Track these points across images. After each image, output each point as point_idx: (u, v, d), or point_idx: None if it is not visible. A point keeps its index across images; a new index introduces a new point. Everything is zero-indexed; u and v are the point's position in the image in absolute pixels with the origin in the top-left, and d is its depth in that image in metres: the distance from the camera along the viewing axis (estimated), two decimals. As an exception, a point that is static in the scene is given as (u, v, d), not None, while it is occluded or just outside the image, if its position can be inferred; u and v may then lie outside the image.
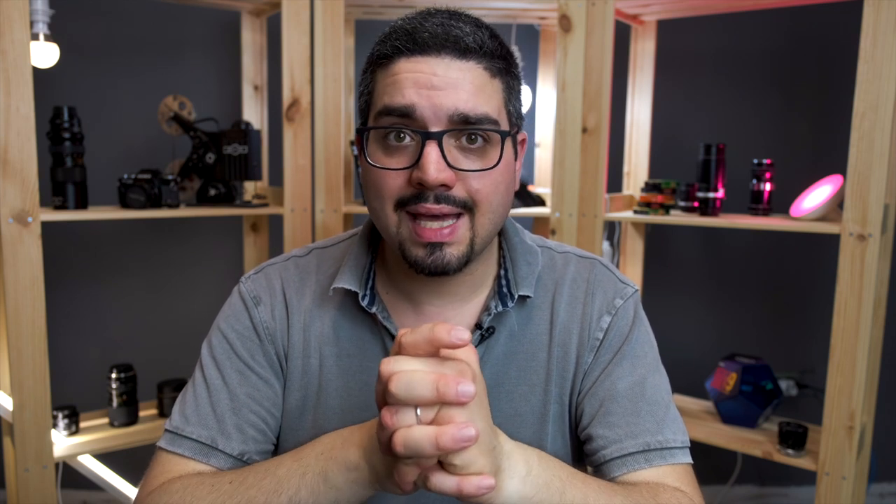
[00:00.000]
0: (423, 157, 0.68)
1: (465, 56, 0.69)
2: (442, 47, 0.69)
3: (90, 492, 2.12)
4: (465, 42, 0.69)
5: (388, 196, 0.72)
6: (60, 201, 1.53)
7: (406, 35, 0.70)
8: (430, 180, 0.68)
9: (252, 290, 0.83)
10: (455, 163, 0.70)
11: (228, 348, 0.81)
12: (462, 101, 0.68)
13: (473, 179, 0.71)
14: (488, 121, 0.70)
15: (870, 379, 1.51)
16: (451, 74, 0.69)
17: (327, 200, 1.70)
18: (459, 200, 0.70)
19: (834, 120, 2.11)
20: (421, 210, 0.70)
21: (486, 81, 0.71)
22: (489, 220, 0.73)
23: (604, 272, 0.84)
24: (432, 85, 0.68)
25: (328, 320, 0.81)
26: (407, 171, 0.70)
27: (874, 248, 1.40)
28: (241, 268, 2.10)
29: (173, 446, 0.77)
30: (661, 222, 1.72)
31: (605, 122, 1.68)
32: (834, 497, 1.48)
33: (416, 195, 0.70)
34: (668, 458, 0.75)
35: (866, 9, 1.37)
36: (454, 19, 0.71)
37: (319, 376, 0.81)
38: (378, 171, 0.72)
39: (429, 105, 0.68)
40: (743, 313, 2.26)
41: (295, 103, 1.67)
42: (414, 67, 0.69)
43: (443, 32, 0.69)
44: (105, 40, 2.06)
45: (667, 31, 1.96)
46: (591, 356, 0.80)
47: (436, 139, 0.68)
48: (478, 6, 1.77)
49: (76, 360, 2.09)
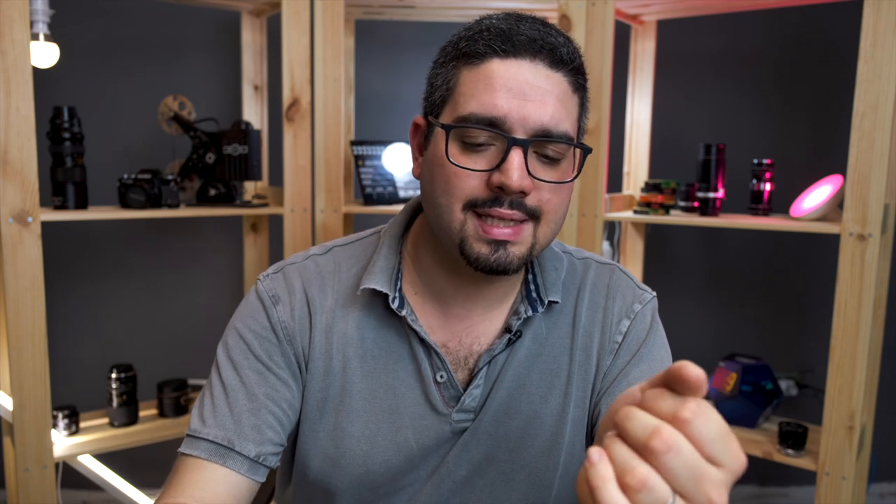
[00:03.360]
0: (508, 161, 0.68)
1: (556, 66, 0.70)
2: (538, 52, 0.69)
3: (90, 492, 2.12)
4: (560, 52, 0.70)
5: (460, 195, 0.71)
6: (60, 201, 1.52)
7: (502, 35, 0.69)
8: (513, 186, 0.68)
9: (271, 288, 0.82)
10: (534, 172, 0.70)
11: (246, 348, 0.79)
12: (548, 115, 0.69)
13: (547, 190, 0.71)
14: (567, 137, 0.71)
15: (870, 379, 1.51)
16: (540, 84, 0.69)
17: (327, 200, 1.70)
18: (530, 208, 0.71)
19: (834, 120, 2.11)
20: (494, 213, 0.70)
21: (569, 96, 0.72)
22: (551, 231, 0.74)
23: (623, 278, 0.86)
24: (524, 93, 0.68)
25: (352, 321, 0.80)
26: (486, 174, 0.70)
27: (874, 248, 1.40)
28: (241, 268, 2.10)
29: (190, 449, 0.76)
30: (661, 222, 1.72)
31: (605, 122, 1.68)
32: (834, 497, 1.48)
33: (493, 199, 0.70)
34: None
35: (866, 9, 1.37)
36: (547, 27, 0.71)
37: (343, 378, 0.80)
38: (453, 169, 0.71)
39: (519, 114, 0.68)
40: (743, 313, 2.26)
41: (295, 103, 1.67)
42: (507, 72, 0.69)
43: (539, 38, 0.69)
44: (105, 40, 2.06)
45: (667, 31, 1.96)
46: (610, 358, 0.81)
47: (522, 146, 0.68)
48: (478, 6, 1.77)
49: (76, 360, 2.09)
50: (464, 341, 0.80)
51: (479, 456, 0.80)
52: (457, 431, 0.80)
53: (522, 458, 0.80)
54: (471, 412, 0.79)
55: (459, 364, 0.80)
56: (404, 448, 0.79)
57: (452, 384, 0.79)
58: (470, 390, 0.78)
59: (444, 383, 0.79)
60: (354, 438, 0.79)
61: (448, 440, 0.80)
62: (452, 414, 0.79)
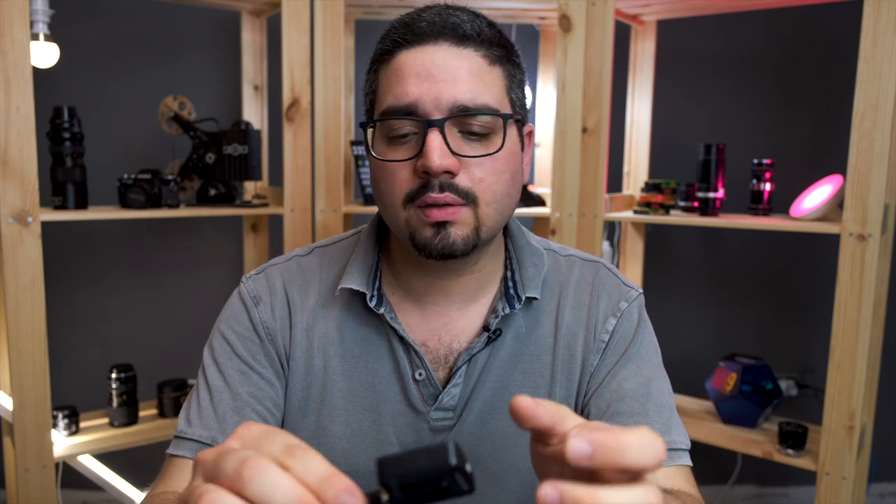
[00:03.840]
0: (427, 144, 0.69)
1: (462, 43, 0.70)
2: (439, 34, 0.70)
3: (90, 492, 2.12)
4: (463, 29, 0.70)
5: (397, 191, 0.72)
6: (60, 201, 1.52)
7: (404, 27, 0.71)
8: (434, 167, 0.68)
9: (252, 289, 0.83)
10: (459, 150, 0.70)
11: (229, 349, 0.81)
12: (461, 91, 0.69)
13: (476, 167, 0.71)
14: (488, 110, 0.70)
15: (870, 379, 1.50)
16: (449, 62, 0.69)
17: (327, 200, 1.70)
18: (462, 190, 0.70)
19: (834, 120, 2.11)
20: (428, 200, 0.70)
21: (485, 70, 0.71)
22: (494, 210, 0.73)
23: (608, 275, 0.85)
24: (431, 75, 0.69)
25: (332, 321, 0.81)
26: (412, 162, 0.71)
27: (874, 248, 1.40)
28: (241, 268, 2.10)
29: (177, 449, 0.77)
30: (661, 222, 1.72)
31: (605, 122, 1.68)
32: (834, 497, 1.48)
33: (423, 185, 0.70)
34: (675, 460, 0.76)
35: (866, 9, 1.37)
36: (451, 9, 0.72)
37: (324, 377, 0.80)
38: (385, 167, 0.72)
39: (430, 97, 0.69)
40: (743, 313, 2.26)
41: (295, 103, 1.67)
42: (414, 59, 0.70)
43: (440, 21, 0.70)
44: (105, 40, 2.06)
45: (667, 31, 1.96)
46: (597, 358, 0.80)
47: (437, 126, 0.69)
48: (478, 6, 1.77)
49: (76, 360, 2.09)
50: (443, 339, 0.80)
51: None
52: (436, 430, 0.79)
53: (509, 458, 0.80)
54: (449, 410, 0.79)
55: (440, 362, 0.80)
56: (386, 446, 0.79)
57: (431, 382, 0.79)
58: (448, 388, 0.78)
59: (423, 381, 0.79)
60: (336, 437, 0.80)
61: (428, 439, 0.80)
62: (430, 412, 0.79)
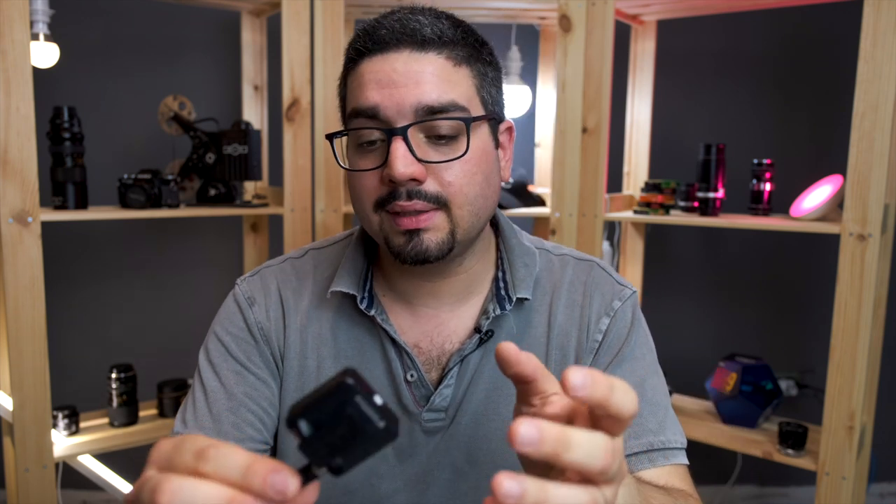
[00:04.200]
0: (391, 152, 0.68)
1: (423, 48, 0.69)
2: (399, 41, 0.69)
3: (90, 492, 2.12)
4: (423, 34, 0.69)
5: (366, 198, 0.72)
6: (60, 201, 1.52)
7: (365, 35, 0.71)
8: (397, 176, 0.68)
9: (247, 291, 0.84)
10: (424, 156, 0.69)
11: (224, 350, 0.81)
12: (424, 93, 0.68)
13: (445, 171, 0.70)
14: (455, 107, 0.69)
15: (870, 379, 1.50)
16: (411, 67, 0.69)
17: (327, 200, 1.70)
18: (432, 196, 0.70)
19: (834, 120, 2.11)
20: (396, 208, 0.70)
21: (450, 71, 0.70)
22: (468, 212, 0.72)
23: (601, 274, 0.84)
24: (392, 81, 0.68)
25: (326, 322, 0.81)
26: (379, 171, 0.71)
27: (874, 248, 1.40)
28: (240, 268, 2.10)
29: None
30: (661, 222, 1.72)
31: (605, 122, 1.68)
32: (834, 497, 1.48)
33: (391, 193, 0.70)
34: (670, 459, 0.75)
35: (866, 9, 1.37)
36: (413, 13, 0.71)
37: (317, 378, 0.80)
38: (355, 175, 0.73)
39: (391, 103, 0.68)
40: (743, 313, 2.26)
41: (295, 103, 1.67)
42: (375, 67, 0.70)
43: (399, 27, 0.69)
44: (105, 40, 2.06)
45: (667, 31, 1.96)
46: (591, 358, 0.80)
47: (400, 134, 0.68)
48: (478, 6, 1.77)
49: (76, 360, 2.09)
50: (435, 341, 0.80)
51: (460, 459, 0.79)
52: (429, 431, 0.79)
53: (506, 460, 0.79)
54: (441, 412, 0.79)
55: (432, 364, 0.80)
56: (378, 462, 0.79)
57: (423, 383, 0.79)
58: (440, 390, 0.78)
59: (415, 382, 0.79)
60: None
61: (422, 441, 0.79)
62: (422, 413, 0.79)
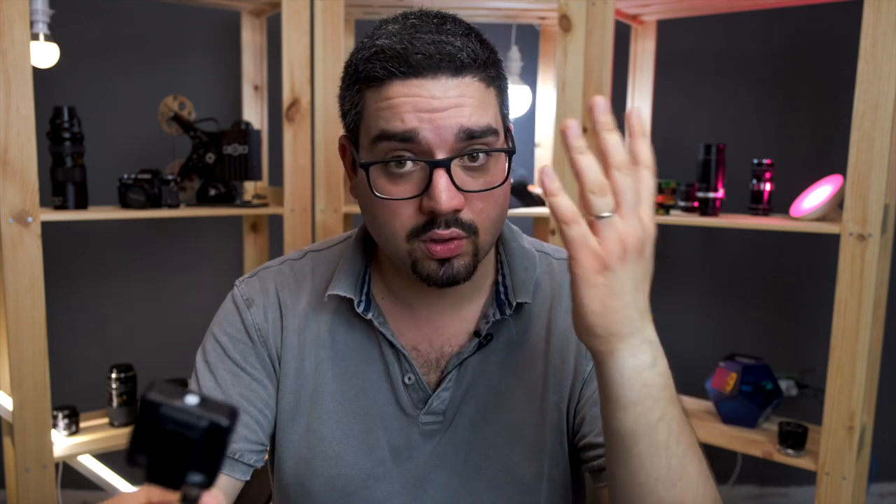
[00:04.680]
0: (434, 186, 0.66)
1: (460, 73, 0.67)
2: (437, 68, 0.66)
3: (90, 492, 2.12)
4: (460, 59, 0.66)
5: (399, 227, 0.70)
6: (60, 201, 1.52)
7: (397, 57, 0.66)
8: (443, 209, 0.66)
9: (245, 292, 0.83)
10: (462, 185, 0.68)
11: (221, 351, 0.81)
12: (464, 117, 0.66)
13: (478, 199, 0.70)
14: (490, 131, 0.69)
15: (870, 379, 1.50)
16: (449, 94, 0.66)
17: (327, 200, 1.70)
18: (466, 223, 0.69)
19: (834, 120, 2.11)
20: (434, 237, 0.68)
21: (483, 93, 0.69)
22: (491, 235, 0.73)
23: None
24: (433, 108, 0.66)
25: (324, 324, 0.81)
26: (416, 200, 0.68)
27: (874, 248, 1.40)
28: (240, 268, 2.10)
29: None
30: (661, 222, 1.72)
31: (605, 122, 1.67)
32: (834, 497, 1.48)
33: (428, 222, 0.69)
34: None
35: (866, 9, 1.37)
36: (443, 33, 0.67)
37: (315, 379, 0.80)
38: (384, 202, 0.69)
39: (431, 129, 0.66)
40: (743, 313, 2.26)
41: (295, 103, 1.67)
42: (410, 91, 0.66)
43: (436, 51, 0.66)
44: (105, 40, 2.06)
45: (667, 31, 1.96)
46: (590, 364, 0.79)
47: (444, 166, 0.66)
48: (478, 6, 1.77)
49: (76, 360, 2.09)
50: (434, 343, 0.80)
51: (458, 462, 0.79)
52: (426, 434, 0.79)
53: (506, 465, 0.79)
54: (439, 415, 0.79)
55: (431, 366, 0.80)
56: (376, 450, 0.79)
57: (420, 386, 0.78)
58: (438, 393, 0.78)
59: (412, 385, 0.79)
60: (326, 440, 0.79)
61: (419, 444, 0.79)
62: (420, 416, 0.78)
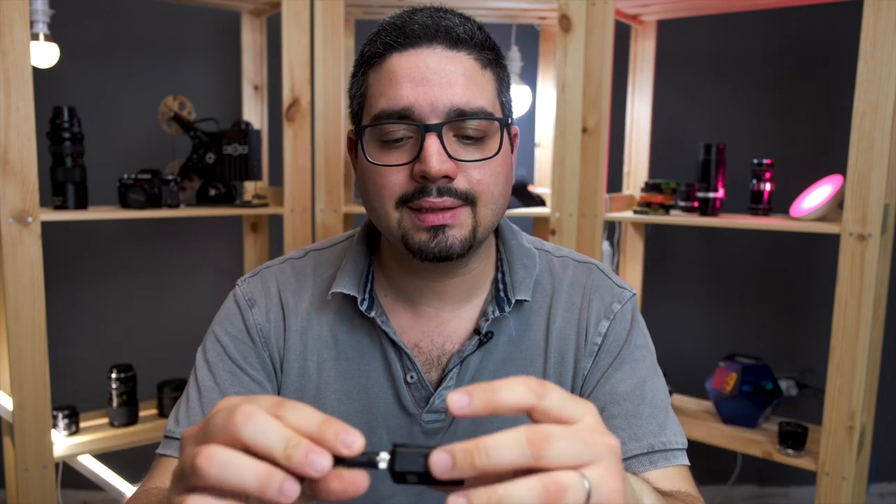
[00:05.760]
0: (425, 149, 0.68)
1: (456, 46, 0.70)
2: (433, 38, 0.70)
3: (90, 492, 2.12)
4: (456, 32, 0.70)
5: (389, 194, 0.72)
6: (60, 201, 1.52)
7: (396, 30, 0.71)
8: (433, 172, 0.68)
9: (247, 292, 0.84)
10: (455, 154, 0.70)
11: (221, 351, 0.81)
12: (457, 94, 0.69)
13: (474, 170, 0.71)
14: (483, 113, 0.71)
15: (870, 379, 1.50)
16: (443, 66, 0.69)
17: (327, 200, 1.70)
18: (461, 193, 0.71)
19: (834, 120, 2.11)
20: (424, 204, 0.70)
21: (478, 72, 0.72)
22: (491, 211, 0.73)
23: (601, 277, 0.84)
24: (426, 79, 0.69)
25: (326, 324, 0.81)
26: (408, 167, 0.70)
27: (874, 248, 1.40)
28: (240, 268, 2.10)
29: (165, 449, 0.78)
30: (661, 222, 1.72)
31: (605, 122, 1.68)
32: (834, 497, 1.48)
33: (419, 190, 0.70)
34: (671, 460, 0.75)
35: (866, 9, 1.37)
36: (442, 12, 0.72)
37: (318, 379, 0.81)
38: (378, 170, 0.72)
39: (425, 101, 0.69)
40: (743, 313, 2.26)
41: (295, 103, 1.67)
42: (407, 62, 0.70)
43: (433, 24, 0.70)
44: (105, 40, 2.06)
45: (667, 31, 1.96)
46: (590, 361, 0.80)
47: (435, 131, 0.69)
48: (478, 6, 1.77)
49: (76, 360, 2.09)
50: (436, 341, 0.80)
51: None
52: (428, 432, 0.79)
53: None
54: (441, 413, 0.79)
55: (433, 364, 0.80)
56: (378, 448, 0.78)
57: (422, 385, 0.79)
58: (440, 391, 0.78)
59: (414, 384, 0.79)
60: None
61: (421, 441, 0.79)
62: (422, 415, 0.79)
